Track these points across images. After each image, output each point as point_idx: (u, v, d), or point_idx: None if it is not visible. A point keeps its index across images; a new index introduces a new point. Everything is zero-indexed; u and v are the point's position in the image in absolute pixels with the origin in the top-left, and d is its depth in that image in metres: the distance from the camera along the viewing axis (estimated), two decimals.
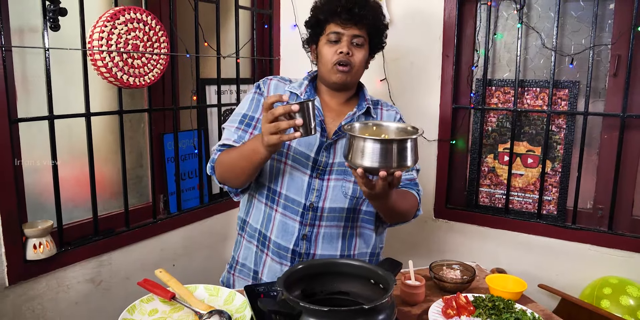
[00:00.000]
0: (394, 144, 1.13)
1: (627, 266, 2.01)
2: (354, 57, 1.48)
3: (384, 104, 1.68)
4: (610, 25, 2.05)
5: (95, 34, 1.67)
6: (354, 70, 1.50)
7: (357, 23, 1.47)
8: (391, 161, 1.13)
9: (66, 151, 1.80)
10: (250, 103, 1.56)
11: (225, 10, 2.38)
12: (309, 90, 1.56)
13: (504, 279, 1.44)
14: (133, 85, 1.80)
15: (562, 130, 2.18)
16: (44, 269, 1.68)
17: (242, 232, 1.62)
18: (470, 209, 2.38)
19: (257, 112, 1.53)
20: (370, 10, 1.49)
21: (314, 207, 1.48)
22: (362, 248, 1.57)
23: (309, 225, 1.49)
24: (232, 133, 1.51)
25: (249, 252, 1.58)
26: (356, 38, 1.49)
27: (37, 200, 1.74)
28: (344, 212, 1.51)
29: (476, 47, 2.30)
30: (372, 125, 1.34)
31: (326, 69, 1.51)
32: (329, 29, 1.49)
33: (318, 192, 1.49)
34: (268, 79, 1.61)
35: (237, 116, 1.54)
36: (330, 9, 1.47)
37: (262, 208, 1.54)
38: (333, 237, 1.51)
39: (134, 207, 2.06)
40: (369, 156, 1.13)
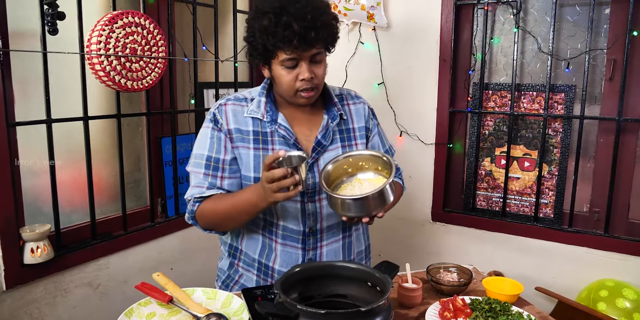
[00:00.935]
0: (369, 197, 1.20)
1: (623, 269, 2.02)
2: (317, 77, 1.35)
3: (349, 97, 1.56)
4: (606, 30, 2.07)
5: (94, 38, 1.68)
6: (319, 87, 1.39)
7: (314, 46, 1.30)
8: (371, 208, 1.22)
9: (64, 155, 1.80)
10: (210, 142, 1.40)
11: (223, 14, 2.39)
12: (269, 109, 1.41)
13: (500, 281, 1.45)
14: (131, 89, 1.80)
15: (559, 134, 2.19)
16: (41, 273, 1.68)
17: (235, 260, 1.52)
18: (468, 212, 2.39)
19: (221, 152, 1.39)
20: (324, 28, 1.30)
21: (313, 231, 1.44)
22: (358, 247, 1.58)
23: (312, 249, 1.45)
24: (202, 180, 1.39)
25: (249, 280, 1.50)
26: (316, 56, 1.34)
27: (34, 204, 1.74)
28: (340, 226, 1.49)
29: (473, 52, 2.32)
30: (343, 158, 1.36)
31: (289, 95, 1.37)
32: (282, 56, 1.30)
33: (314, 215, 1.43)
34: (222, 104, 1.42)
35: (200, 159, 1.40)
36: (282, 39, 1.26)
37: (259, 238, 1.46)
38: (336, 251, 1.50)
39: (132, 210, 2.07)
40: (352, 209, 1.23)
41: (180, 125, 2.22)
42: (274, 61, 1.34)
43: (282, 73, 1.34)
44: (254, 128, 1.41)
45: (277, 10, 1.27)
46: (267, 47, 1.30)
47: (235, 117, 1.41)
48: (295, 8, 1.27)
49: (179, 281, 1.32)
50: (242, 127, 1.40)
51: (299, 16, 1.26)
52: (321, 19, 1.29)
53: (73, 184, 1.86)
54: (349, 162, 1.36)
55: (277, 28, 1.26)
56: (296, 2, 1.29)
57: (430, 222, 2.46)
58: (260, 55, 1.35)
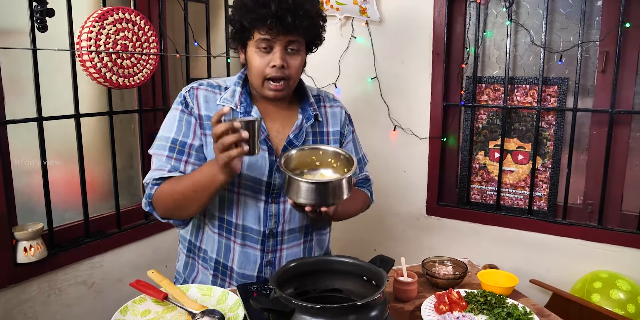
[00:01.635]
0: (329, 184, 1.17)
1: (617, 260, 2.03)
2: (290, 67, 1.29)
3: (326, 99, 1.51)
4: (598, 22, 2.07)
5: (84, 35, 1.66)
6: (290, 82, 1.33)
7: (291, 32, 1.25)
8: (327, 199, 1.18)
9: (56, 153, 1.79)
10: (178, 125, 1.33)
11: (214, 10, 2.38)
12: (244, 100, 1.36)
13: (495, 274, 1.45)
14: (122, 86, 1.79)
15: (552, 126, 2.19)
16: (35, 272, 1.67)
17: (195, 256, 1.45)
18: (462, 205, 2.39)
19: (189, 137, 1.32)
20: (305, 17, 1.25)
21: (273, 233, 1.39)
22: (318, 251, 1.53)
23: (272, 251, 1.40)
24: (164, 163, 1.31)
25: (206, 279, 1.43)
26: (291, 44, 1.28)
27: (27, 202, 1.73)
28: (302, 230, 1.45)
29: (466, 45, 2.31)
30: (309, 149, 1.32)
31: (257, 82, 1.32)
32: (257, 35, 1.26)
33: (276, 217, 1.38)
34: (194, 88, 1.37)
35: (164, 141, 1.32)
36: (257, 17, 1.23)
37: (216, 238, 1.40)
38: (296, 255, 1.44)
39: (126, 208, 2.06)
40: (303, 194, 1.18)
41: None
42: (250, 42, 1.29)
43: (255, 57, 1.29)
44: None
45: None
46: (243, 24, 1.26)
47: (207, 104, 1.35)
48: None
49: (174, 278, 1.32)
50: (212, 114, 1.33)
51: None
52: (304, 7, 1.26)
53: (66, 182, 1.85)
54: (318, 155, 1.32)
55: (256, 5, 1.23)
56: None
57: (424, 216, 2.47)
58: (238, 34, 1.30)
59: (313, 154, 1.32)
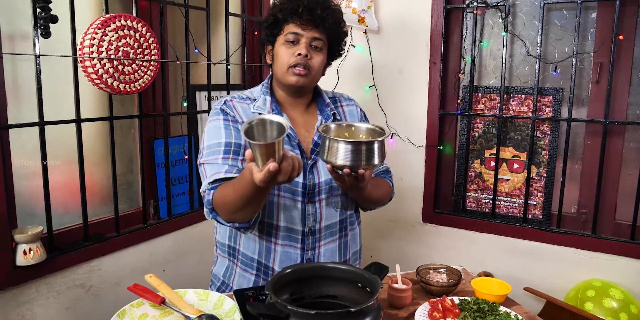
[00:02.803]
0: (363, 145, 1.24)
1: (610, 269, 2.05)
2: (312, 60, 1.43)
3: (342, 98, 1.64)
4: (593, 34, 2.10)
5: (86, 41, 1.69)
6: (312, 73, 1.44)
7: (317, 25, 1.42)
8: (360, 160, 1.23)
9: (56, 157, 1.81)
10: (226, 131, 1.41)
11: (215, 17, 2.40)
12: (275, 108, 1.47)
13: (489, 282, 1.47)
14: (123, 92, 1.81)
15: (547, 136, 2.22)
16: (33, 274, 1.69)
17: (233, 259, 1.52)
18: (458, 213, 2.41)
19: (240, 138, 1.40)
20: (331, 14, 1.44)
21: (312, 231, 1.47)
22: (353, 248, 1.61)
23: (311, 249, 1.48)
24: (220, 165, 1.36)
25: (245, 280, 1.50)
26: (315, 41, 1.43)
27: (27, 206, 1.74)
28: (337, 225, 1.53)
29: (463, 55, 2.34)
30: (346, 125, 1.40)
31: (282, 71, 1.44)
32: (288, 29, 1.43)
33: (314, 215, 1.47)
34: (228, 100, 1.47)
35: (217, 147, 1.38)
36: (291, 8, 1.41)
37: (256, 239, 1.47)
38: (333, 251, 1.52)
39: (124, 212, 2.07)
40: (341, 155, 1.23)
41: (172, 127, 2.23)
42: (279, 37, 1.45)
43: (282, 48, 1.43)
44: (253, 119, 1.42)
45: None
46: (277, 17, 1.44)
47: (245, 113, 1.46)
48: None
49: (172, 283, 1.33)
50: None
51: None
52: (330, 8, 1.44)
53: (65, 186, 1.87)
54: (351, 131, 1.40)
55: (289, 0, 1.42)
56: None
57: (420, 224, 2.49)
58: (269, 29, 1.46)
59: (347, 130, 1.40)
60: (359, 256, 1.66)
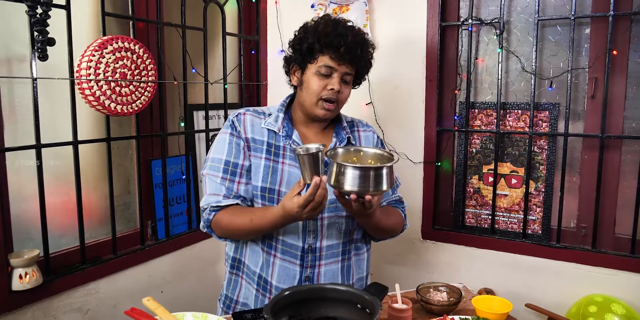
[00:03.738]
0: (371, 170, 1.23)
1: (611, 284, 2.04)
2: (342, 94, 1.47)
3: (360, 124, 1.67)
4: (587, 49, 2.12)
5: (83, 63, 1.70)
6: (339, 106, 1.50)
7: (352, 63, 1.44)
8: (368, 186, 1.23)
9: (53, 179, 1.81)
10: (229, 147, 1.48)
11: (212, 37, 2.42)
12: (286, 125, 1.51)
13: (490, 300, 1.46)
14: (121, 113, 1.82)
15: (544, 151, 2.22)
16: (30, 299, 1.67)
17: (239, 272, 1.55)
18: (457, 229, 2.40)
19: (240, 157, 1.46)
20: (367, 52, 1.47)
21: (312, 248, 1.47)
22: (358, 273, 1.60)
23: (310, 266, 1.48)
24: (219, 185, 1.44)
25: (250, 294, 1.52)
26: (347, 75, 1.46)
27: (23, 228, 1.73)
28: (340, 247, 1.52)
29: (459, 71, 2.36)
30: (354, 150, 1.41)
31: (311, 101, 1.47)
32: (323, 60, 1.43)
33: (314, 233, 1.47)
34: (241, 113, 1.52)
35: (218, 163, 1.46)
36: (332, 43, 1.41)
37: (259, 252, 1.49)
38: (334, 272, 1.51)
39: (122, 233, 2.06)
40: (348, 181, 1.23)
41: (170, 147, 2.23)
42: (311, 66, 1.45)
43: (314, 79, 1.44)
44: (269, 140, 1.49)
45: (337, 21, 1.45)
46: (313, 48, 1.43)
47: (253, 127, 1.49)
48: (351, 27, 1.46)
49: (170, 304, 1.32)
50: (257, 137, 1.48)
51: (353, 32, 1.43)
52: (366, 47, 1.47)
53: (62, 208, 1.86)
54: (359, 156, 1.41)
55: (332, 32, 1.41)
56: (351, 25, 1.48)
57: (420, 240, 2.47)
58: (301, 56, 1.46)
59: (356, 155, 1.42)
60: (365, 283, 1.64)
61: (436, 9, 2.30)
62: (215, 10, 2.37)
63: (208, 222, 1.45)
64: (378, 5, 2.44)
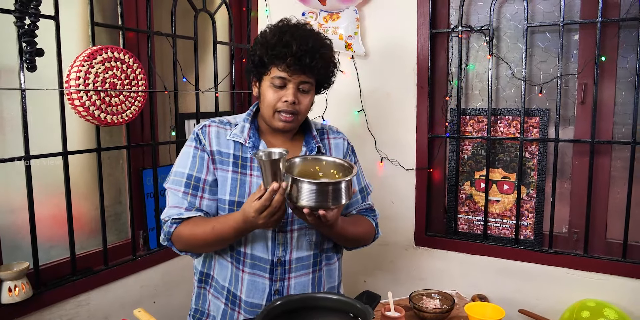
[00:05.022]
0: (329, 186, 1.20)
1: (604, 289, 2.04)
2: (300, 104, 1.41)
3: (330, 131, 1.61)
4: (576, 55, 2.14)
5: (73, 74, 1.69)
6: (299, 117, 1.43)
7: (305, 72, 1.37)
8: (327, 200, 1.20)
9: (43, 190, 1.79)
10: (192, 161, 1.43)
11: (203, 46, 2.42)
12: (252, 135, 1.46)
13: (483, 307, 1.46)
14: (111, 123, 1.81)
15: (535, 156, 2.23)
16: (19, 312, 1.65)
17: (207, 286, 1.52)
18: (450, 236, 2.40)
19: (202, 172, 1.42)
20: (321, 59, 1.38)
21: (281, 261, 1.43)
22: (330, 283, 1.56)
23: (280, 280, 1.43)
24: (181, 199, 1.40)
25: (218, 309, 1.48)
26: (303, 84, 1.40)
27: (13, 240, 1.71)
28: (310, 259, 1.48)
29: (449, 78, 2.37)
30: (311, 159, 1.37)
31: (268, 113, 1.42)
32: (274, 72, 1.38)
33: (284, 246, 1.43)
34: (206, 126, 1.47)
35: (180, 177, 1.42)
36: (278, 55, 1.35)
37: (228, 266, 1.45)
38: (304, 284, 1.47)
39: (113, 244, 2.04)
40: (304, 195, 1.20)
41: (161, 156, 2.22)
42: (266, 77, 1.41)
43: (269, 91, 1.40)
44: (235, 152, 1.45)
45: (285, 29, 1.39)
46: (263, 60, 1.39)
47: (218, 139, 1.45)
48: (300, 33, 1.38)
49: (162, 314, 1.31)
50: (222, 150, 1.44)
51: (301, 39, 1.35)
52: (320, 51, 1.38)
53: (52, 219, 1.84)
54: (322, 165, 1.37)
55: (277, 44, 1.35)
56: (304, 29, 1.40)
57: (413, 247, 2.47)
58: (256, 68, 1.43)
59: (316, 164, 1.38)
60: (337, 291, 1.60)
61: (426, 17, 2.31)
62: (205, 19, 2.38)
63: (169, 235, 1.40)
64: (369, 13, 2.45)
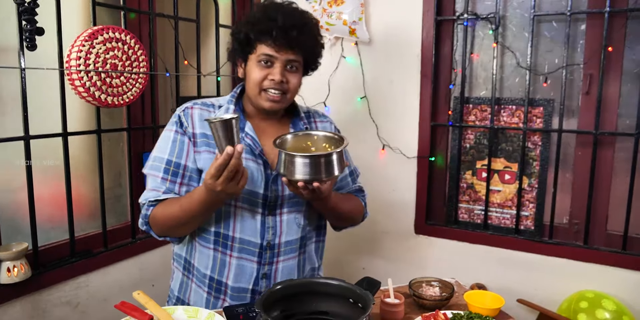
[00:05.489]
0: (321, 158, 1.22)
1: (602, 280, 2.04)
2: (289, 83, 1.37)
3: (316, 115, 1.59)
4: (582, 45, 2.11)
5: (73, 54, 1.67)
6: (287, 96, 1.39)
7: (293, 47, 1.34)
8: (320, 173, 1.22)
9: (43, 171, 1.78)
10: (172, 146, 1.37)
11: (205, 29, 2.39)
12: None
13: (482, 295, 1.46)
14: (111, 105, 1.79)
15: (538, 147, 2.22)
16: (18, 292, 1.65)
17: (189, 274, 1.46)
18: (450, 224, 2.40)
19: (182, 157, 1.37)
20: (308, 34, 1.36)
21: (271, 245, 1.41)
22: (310, 264, 1.54)
23: (268, 263, 1.42)
24: (160, 184, 1.35)
25: (199, 298, 1.44)
26: (291, 62, 1.36)
27: (12, 221, 1.71)
28: (298, 242, 1.46)
29: (453, 66, 2.35)
30: (303, 135, 1.38)
31: (254, 93, 1.38)
32: (260, 49, 1.34)
33: (273, 229, 1.41)
34: (188, 108, 1.42)
35: (159, 162, 1.36)
36: (264, 29, 1.31)
37: (210, 253, 1.41)
38: (291, 268, 1.46)
39: (113, 227, 2.04)
40: (298, 170, 1.22)
41: None
42: (252, 56, 1.37)
43: (255, 69, 1.36)
44: None
45: (270, 6, 1.36)
46: (249, 37, 1.35)
47: (202, 122, 1.40)
48: (285, 9, 1.35)
49: (161, 297, 1.31)
50: (207, 132, 1.38)
51: (287, 15, 1.33)
52: (306, 27, 1.36)
53: (52, 200, 1.84)
54: (313, 140, 1.37)
55: (262, 18, 1.33)
56: (289, 6, 1.37)
57: (413, 235, 2.47)
58: (241, 47, 1.38)
59: (307, 139, 1.38)
60: (317, 273, 1.58)
61: (432, 3, 2.28)
62: (208, 1, 2.35)
63: (146, 219, 1.35)
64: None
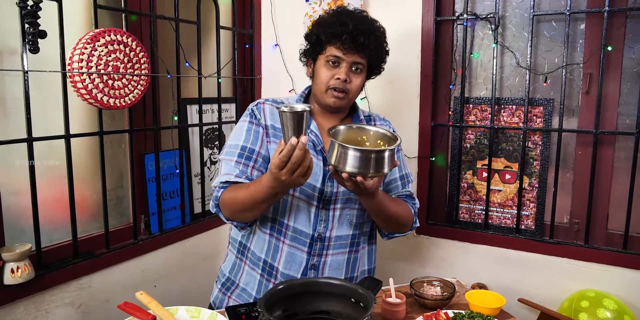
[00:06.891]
0: (372, 153, 1.22)
1: (603, 279, 2.05)
2: (352, 83, 1.48)
3: (377, 118, 1.71)
4: (582, 45, 2.12)
5: (75, 56, 1.68)
6: (349, 96, 1.50)
7: (359, 51, 1.45)
8: (369, 168, 1.23)
9: (45, 172, 1.79)
10: (247, 134, 1.51)
11: (206, 31, 2.40)
12: None
13: (483, 294, 1.46)
14: (113, 107, 1.80)
15: (538, 146, 2.23)
16: (21, 293, 1.66)
17: (243, 257, 1.58)
18: (451, 224, 2.41)
19: (257, 144, 1.49)
20: (374, 40, 1.46)
21: (321, 237, 1.50)
22: (363, 266, 1.61)
23: (317, 255, 1.50)
24: (233, 168, 1.46)
25: (252, 279, 1.55)
26: (356, 65, 1.48)
27: (15, 223, 1.72)
28: (349, 239, 1.54)
29: (453, 66, 2.35)
30: (356, 128, 1.42)
31: (320, 91, 1.50)
32: (330, 51, 1.47)
33: (325, 222, 1.50)
34: (261, 103, 1.56)
35: (234, 148, 1.49)
36: (334, 33, 1.44)
37: (266, 238, 1.52)
38: (339, 263, 1.53)
39: (115, 228, 2.05)
40: (349, 162, 1.23)
41: (163, 141, 2.22)
42: (321, 56, 1.49)
43: (323, 69, 1.48)
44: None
45: (342, 11, 1.50)
46: (320, 38, 1.47)
47: (272, 115, 1.53)
48: (356, 15, 1.48)
49: (163, 298, 1.32)
50: (277, 124, 1.52)
51: (357, 21, 1.45)
52: (375, 34, 1.47)
53: (55, 202, 1.84)
54: (369, 135, 1.41)
55: (335, 23, 1.45)
56: (360, 14, 1.50)
57: (414, 235, 2.48)
58: (312, 47, 1.52)
59: (362, 133, 1.42)
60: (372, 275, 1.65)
61: (431, 3, 2.29)
62: (209, 3, 2.36)
63: (216, 200, 1.45)
64: None
